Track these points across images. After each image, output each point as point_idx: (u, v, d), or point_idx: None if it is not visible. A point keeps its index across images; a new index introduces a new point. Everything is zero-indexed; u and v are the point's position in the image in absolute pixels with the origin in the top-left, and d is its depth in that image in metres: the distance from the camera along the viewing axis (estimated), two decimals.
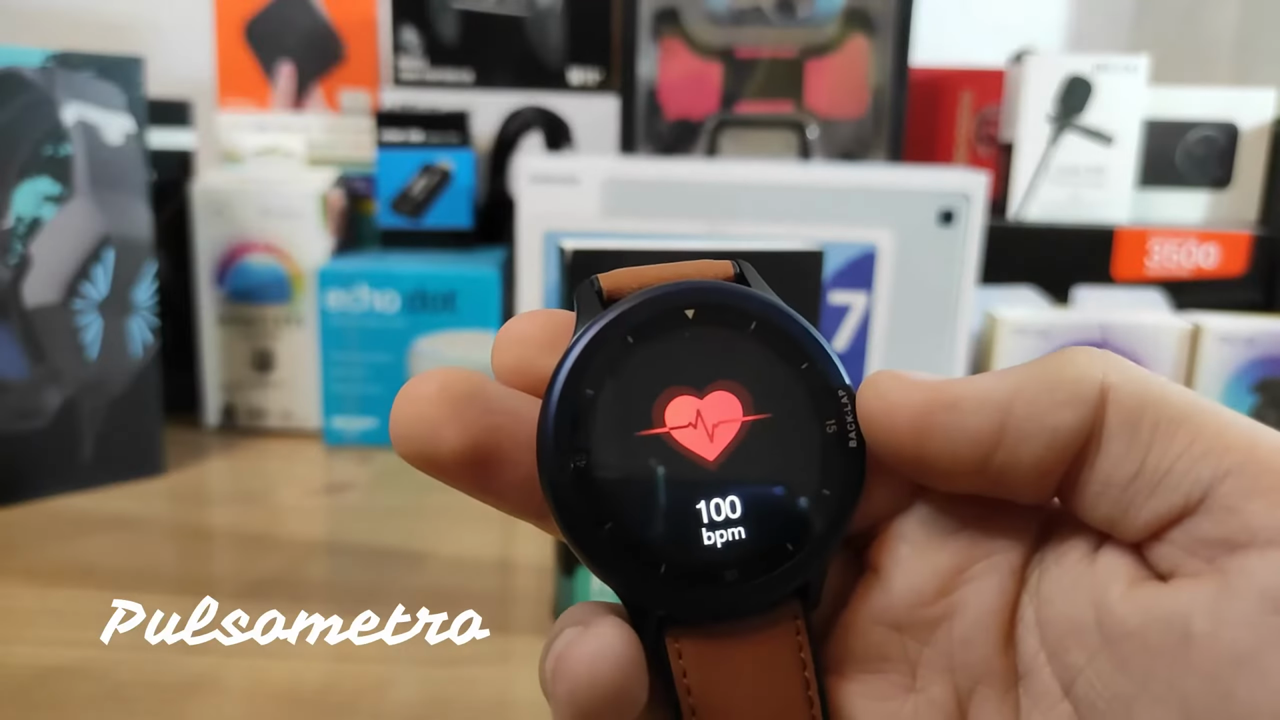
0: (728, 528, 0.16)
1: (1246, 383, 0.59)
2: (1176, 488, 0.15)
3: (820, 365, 0.17)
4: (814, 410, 0.17)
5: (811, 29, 0.69)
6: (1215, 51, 0.87)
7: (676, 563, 0.16)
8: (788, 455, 0.17)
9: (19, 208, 0.50)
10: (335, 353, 0.60)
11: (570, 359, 0.16)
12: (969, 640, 0.17)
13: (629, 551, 0.16)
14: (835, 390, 0.17)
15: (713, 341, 0.17)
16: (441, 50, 0.73)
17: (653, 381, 0.17)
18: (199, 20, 0.78)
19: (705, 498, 0.16)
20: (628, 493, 0.16)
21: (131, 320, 0.55)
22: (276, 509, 0.53)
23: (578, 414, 0.16)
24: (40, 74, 0.50)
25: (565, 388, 0.16)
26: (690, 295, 0.17)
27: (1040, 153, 0.67)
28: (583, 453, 0.16)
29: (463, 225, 0.67)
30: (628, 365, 0.16)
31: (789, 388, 0.17)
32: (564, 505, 0.16)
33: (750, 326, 0.17)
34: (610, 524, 0.16)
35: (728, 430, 0.17)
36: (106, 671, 0.37)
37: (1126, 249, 0.65)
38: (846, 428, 0.17)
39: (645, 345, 0.17)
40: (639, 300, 0.17)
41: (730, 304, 0.17)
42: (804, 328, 0.17)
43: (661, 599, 0.16)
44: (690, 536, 0.16)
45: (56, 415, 0.52)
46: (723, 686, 0.17)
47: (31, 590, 0.43)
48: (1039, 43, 0.84)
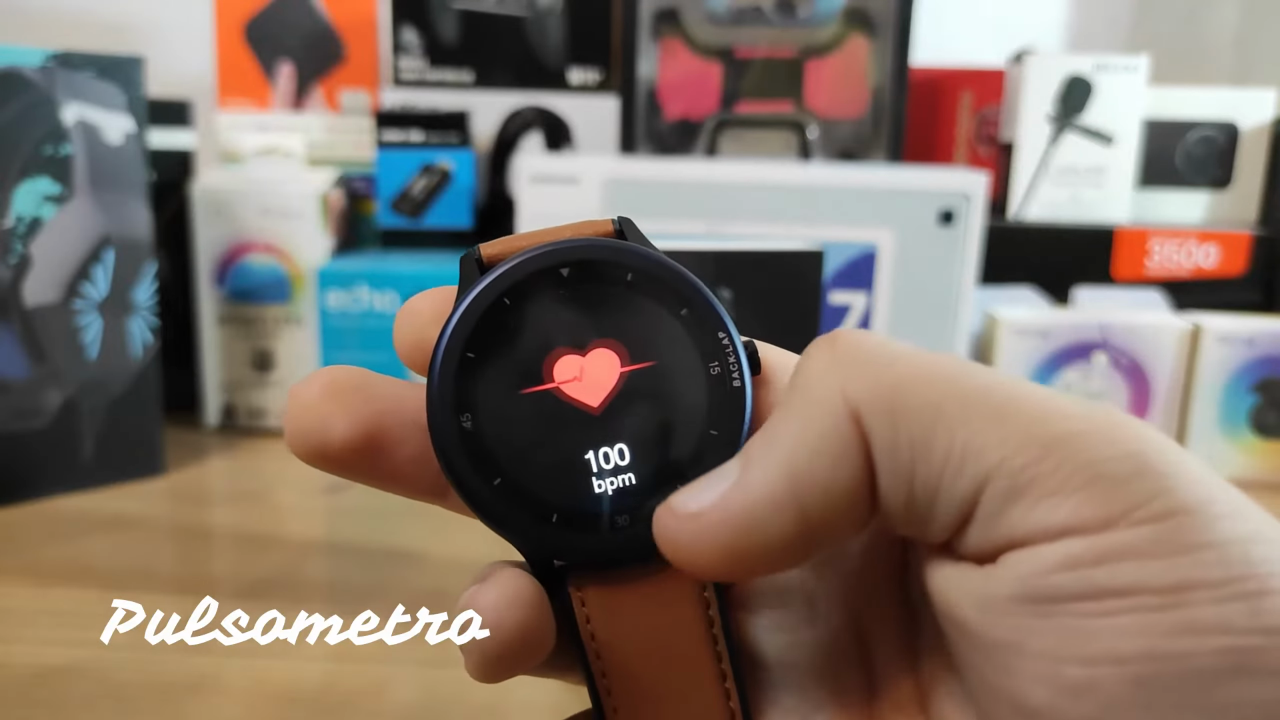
0: (617, 475, 0.17)
1: (1246, 383, 0.59)
2: (947, 509, 0.14)
3: (699, 310, 0.17)
4: (696, 354, 0.17)
5: (811, 29, 0.69)
6: (1215, 51, 0.87)
7: (567, 512, 0.17)
8: (672, 400, 0.17)
9: (19, 207, 0.50)
10: (335, 353, 0.60)
11: (451, 324, 0.17)
12: (863, 572, 0.18)
13: (520, 504, 0.17)
14: (715, 332, 0.17)
15: (591, 296, 0.17)
16: (441, 50, 0.73)
17: (534, 339, 0.17)
18: (199, 20, 0.78)
19: (593, 447, 0.17)
20: (515, 447, 0.17)
21: (131, 320, 0.55)
22: (276, 509, 0.53)
23: (461, 376, 0.17)
24: (40, 74, 0.50)
25: (447, 351, 0.17)
26: (564, 253, 0.17)
27: (1040, 153, 0.67)
28: (468, 412, 0.17)
29: (463, 225, 0.67)
30: (507, 326, 0.17)
31: (670, 334, 0.17)
32: (453, 464, 0.17)
33: (626, 278, 0.17)
34: (499, 479, 0.17)
35: (611, 380, 0.17)
36: (106, 671, 0.37)
37: (1126, 249, 0.65)
38: (729, 369, 0.17)
39: (523, 305, 0.17)
40: (514, 262, 0.17)
41: (604, 258, 0.17)
42: (681, 274, 0.17)
43: (555, 548, 0.17)
44: (579, 485, 0.17)
45: (56, 415, 0.52)
46: (627, 632, 0.17)
47: (31, 590, 0.43)
48: (1039, 43, 0.84)
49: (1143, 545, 0.13)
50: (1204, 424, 0.59)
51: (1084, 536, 0.13)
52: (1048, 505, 0.13)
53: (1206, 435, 0.59)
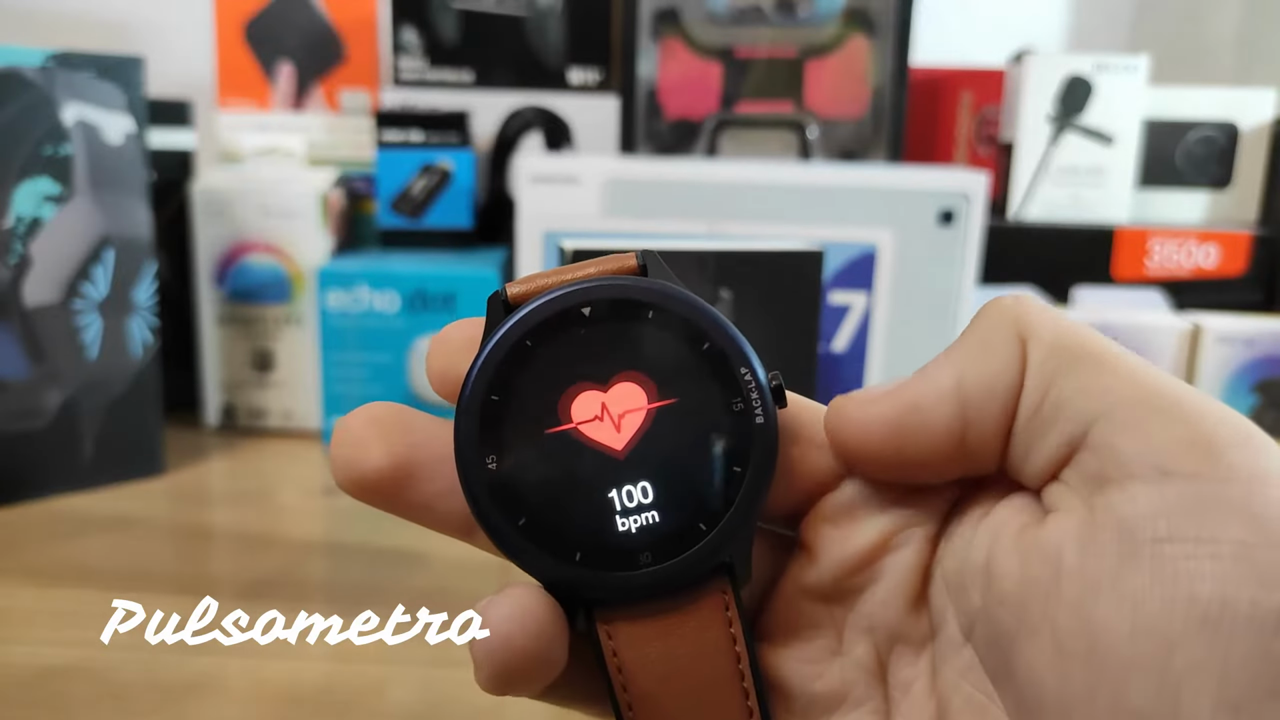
0: (641, 513, 0.17)
1: (1246, 383, 0.59)
2: (1066, 423, 0.16)
3: (720, 345, 0.17)
4: (719, 390, 0.17)
5: (811, 29, 0.69)
6: (1215, 51, 0.87)
7: (591, 550, 0.17)
8: (695, 437, 0.17)
9: (19, 208, 0.50)
10: (335, 353, 0.60)
11: (475, 367, 0.17)
12: (886, 602, 0.18)
13: (545, 543, 0.17)
14: (738, 368, 0.17)
15: (612, 334, 0.17)
16: (441, 50, 0.73)
17: (556, 380, 0.17)
18: (199, 20, 0.78)
19: (616, 486, 0.17)
20: (539, 488, 0.17)
21: (131, 320, 0.55)
22: (276, 509, 0.53)
23: (486, 418, 0.17)
24: (40, 74, 0.50)
25: (471, 394, 0.17)
26: (584, 293, 0.17)
27: (1040, 153, 0.67)
28: (493, 454, 0.17)
29: (463, 225, 0.67)
30: (530, 367, 0.17)
31: (692, 371, 0.17)
32: (479, 504, 0.17)
33: (648, 315, 0.17)
34: (524, 519, 0.17)
35: (634, 419, 0.17)
36: (106, 672, 0.36)
37: (1126, 249, 0.65)
38: (752, 405, 0.17)
39: (545, 346, 0.17)
40: (536, 304, 0.17)
41: (624, 296, 0.17)
42: (701, 310, 0.18)
43: (580, 585, 0.17)
44: (604, 524, 0.17)
45: (56, 415, 0.52)
46: (654, 662, 0.17)
47: (31, 590, 0.43)
48: (1039, 42, 0.84)
49: (1228, 499, 0.14)
50: None
51: (1178, 483, 0.14)
52: (1154, 447, 0.15)
53: None
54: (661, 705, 0.18)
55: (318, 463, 0.59)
